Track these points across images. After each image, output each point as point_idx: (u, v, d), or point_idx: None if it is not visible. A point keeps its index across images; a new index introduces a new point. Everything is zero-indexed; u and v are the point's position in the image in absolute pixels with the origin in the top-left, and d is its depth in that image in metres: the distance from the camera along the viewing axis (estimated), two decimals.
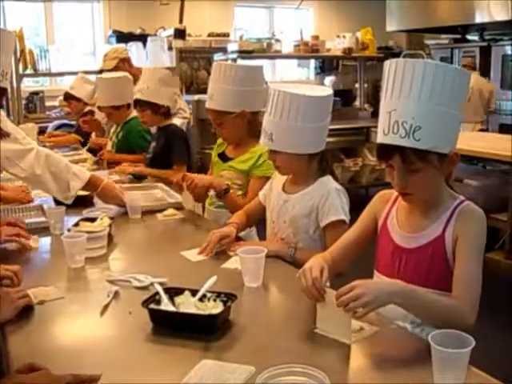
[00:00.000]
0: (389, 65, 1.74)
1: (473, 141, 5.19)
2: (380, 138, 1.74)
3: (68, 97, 5.78)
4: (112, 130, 4.68)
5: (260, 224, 2.80)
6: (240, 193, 2.93)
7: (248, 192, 2.86)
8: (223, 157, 3.08)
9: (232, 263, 2.26)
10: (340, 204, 2.32)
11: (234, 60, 6.88)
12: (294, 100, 2.24)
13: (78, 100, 5.66)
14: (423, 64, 1.67)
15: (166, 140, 3.86)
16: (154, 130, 4.15)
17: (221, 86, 2.91)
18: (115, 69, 5.05)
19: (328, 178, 2.40)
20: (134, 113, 4.35)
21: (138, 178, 3.95)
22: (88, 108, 5.60)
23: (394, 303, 1.60)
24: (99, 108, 4.78)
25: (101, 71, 5.38)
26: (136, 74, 4.66)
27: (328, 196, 2.32)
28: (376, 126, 1.78)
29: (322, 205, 2.32)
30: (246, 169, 2.92)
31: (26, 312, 1.84)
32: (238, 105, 2.90)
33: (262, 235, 2.76)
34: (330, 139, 7.48)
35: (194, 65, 8.28)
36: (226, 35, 8.42)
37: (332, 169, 2.49)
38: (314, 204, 2.34)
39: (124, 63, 5.18)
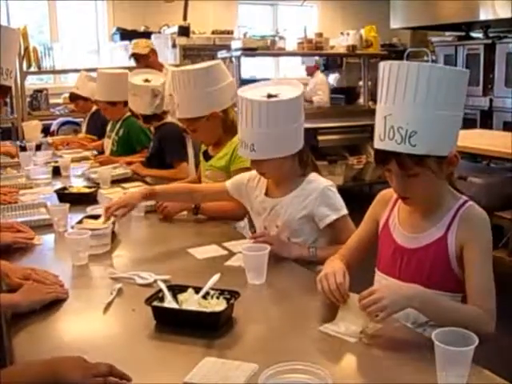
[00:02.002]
0: (383, 67, 1.71)
1: (477, 138, 5.18)
2: (376, 143, 1.72)
3: (74, 97, 5.78)
4: (108, 128, 4.69)
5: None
6: None
7: None
8: (206, 155, 3.09)
9: (235, 260, 2.26)
10: (336, 201, 2.32)
11: (238, 57, 6.89)
12: (270, 107, 2.20)
13: (85, 99, 5.66)
14: (417, 67, 1.64)
15: (160, 140, 3.88)
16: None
17: (184, 94, 2.88)
18: (146, 56, 5.35)
19: (315, 176, 2.38)
20: None
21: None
22: (96, 107, 5.61)
23: (412, 307, 1.60)
24: (96, 102, 4.80)
25: (133, 55, 5.61)
26: (158, 67, 4.79)
27: (322, 197, 2.30)
28: None
29: (317, 207, 2.30)
30: (225, 164, 2.92)
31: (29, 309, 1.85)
32: (207, 107, 2.86)
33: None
34: (334, 137, 7.53)
35: (197, 62, 8.24)
36: (230, 33, 8.41)
37: (314, 162, 2.46)
38: (307, 206, 2.32)
39: (154, 54, 5.46)
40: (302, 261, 2.26)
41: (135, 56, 5.57)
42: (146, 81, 3.83)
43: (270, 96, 2.24)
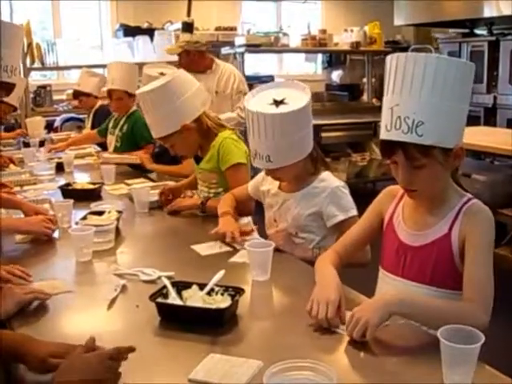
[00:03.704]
0: (390, 59, 1.72)
1: (480, 135, 5.16)
2: (383, 134, 1.72)
3: (77, 94, 5.79)
4: (110, 125, 4.68)
5: (254, 215, 2.90)
6: (221, 189, 2.94)
7: (230, 187, 2.86)
8: (197, 158, 3.07)
9: (240, 257, 2.26)
10: (346, 201, 2.32)
11: (242, 54, 6.88)
12: (282, 118, 2.19)
13: (88, 95, 5.66)
14: (424, 58, 1.65)
15: None
16: None
17: (152, 114, 2.85)
18: (178, 55, 5.07)
19: (328, 175, 2.39)
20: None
21: (143, 170, 3.97)
22: (100, 103, 5.61)
23: (391, 313, 1.58)
24: (109, 93, 4.69)
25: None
26: (196, 69, 4.67)
27: (332, 197, 2.31)
28: None
29: (326, 206, 2.31)
30: (213, 166, 2.92)
31: (33, 306, 1.85)
32: (176, 122, 2.81)
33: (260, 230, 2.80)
34: (338, 133, 7.52)
35: None
36: (234, 29, 8.39)
37: (323, 157, 2.46)
38: (316, 204, 2.33)
39: (188, 55, 5.04)
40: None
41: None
42: (162, 74, 3.82)
43: (276, 102, 2.23)
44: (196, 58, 5.08)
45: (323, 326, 1.67)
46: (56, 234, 2.60)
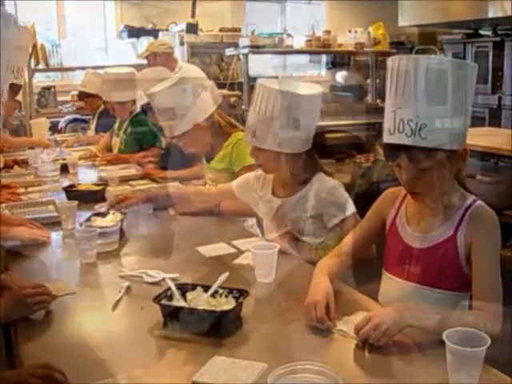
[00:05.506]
0: (392, 62, 1.71)
1: (485, 136, 5.15)
2: (386, 137, 1.71)
3: (82, 95, 5.79)
4: (116, 126, 4.69)
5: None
6: None
7: None
8: (207, 157, 3.07)
9: (244, 259, 2.26)
10: (343, 200, 2.31)
11: (246, 55, 6.87)
12: (278, 97, 2.21)
13: (93, 96, 5.67)
14: (426, 60, 1.64)
15: None
16: None
17: (164, 115, 2.86)
18: (146, 59, 5.38)
19: (321, 177, 2.37)
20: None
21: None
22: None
23: (410, 326, 1.57)
24: (104, 102, 4.80)
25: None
26: (168, 68, 4.69)
27: (329, 197, 2.30)
28: None
29: (326, 207, 2.30)
30: (225, 166, 2.92)
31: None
32: (189, 121, 2.83)
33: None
34: (342, 135, 7.48)
35: (205, 60, 8.27)
36: (238, 30, 8.39)
37: (321, 166, 2.44)
38: (315, 206, 2.32)
39: (155, 57, 5.32)
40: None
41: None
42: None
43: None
44: (163, 60, 5.29)
45: (319, 326, 1.68)
46: (60, 236, 2.61)
